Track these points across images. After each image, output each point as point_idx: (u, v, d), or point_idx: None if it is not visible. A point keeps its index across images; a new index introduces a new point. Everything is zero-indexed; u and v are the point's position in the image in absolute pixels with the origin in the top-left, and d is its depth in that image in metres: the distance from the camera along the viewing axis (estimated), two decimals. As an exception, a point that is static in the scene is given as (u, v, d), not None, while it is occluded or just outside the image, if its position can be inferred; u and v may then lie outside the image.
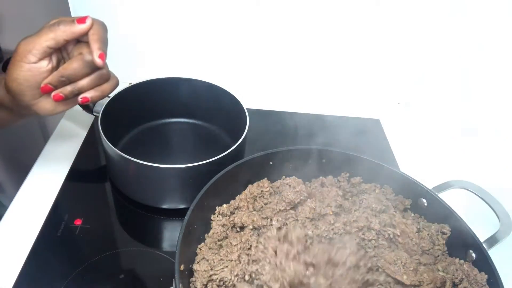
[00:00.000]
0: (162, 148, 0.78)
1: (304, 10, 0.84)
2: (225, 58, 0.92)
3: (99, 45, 0.47)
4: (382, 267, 0.49)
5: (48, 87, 0.49)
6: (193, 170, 0.59)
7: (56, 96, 0.50)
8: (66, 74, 0.48)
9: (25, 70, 0.48)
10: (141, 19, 0.85)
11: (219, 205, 0.56)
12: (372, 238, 0.53)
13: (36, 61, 0.48)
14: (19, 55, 0.47)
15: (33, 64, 0.48)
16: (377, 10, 0.84)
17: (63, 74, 0.48)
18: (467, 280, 0.50)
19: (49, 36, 0.47)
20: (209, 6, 0.83)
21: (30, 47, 0.47)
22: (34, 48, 0.47)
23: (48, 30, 0.47)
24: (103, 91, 0.52)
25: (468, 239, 0.52)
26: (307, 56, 0.91)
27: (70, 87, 0.50)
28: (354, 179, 0.62)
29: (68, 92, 0.50)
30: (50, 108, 0.52)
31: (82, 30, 0.47)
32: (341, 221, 0.54)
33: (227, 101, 0.74)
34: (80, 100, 0.51)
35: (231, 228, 0.54)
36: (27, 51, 0.47)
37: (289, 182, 0.59)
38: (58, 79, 0.49)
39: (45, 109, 0.52)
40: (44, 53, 0.48)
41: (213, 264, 0.49)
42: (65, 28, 0.47)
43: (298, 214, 0.54)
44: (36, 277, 0.55)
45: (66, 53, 0.52)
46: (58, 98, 0.50)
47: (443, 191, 0.59)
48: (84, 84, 0.50)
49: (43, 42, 0.47)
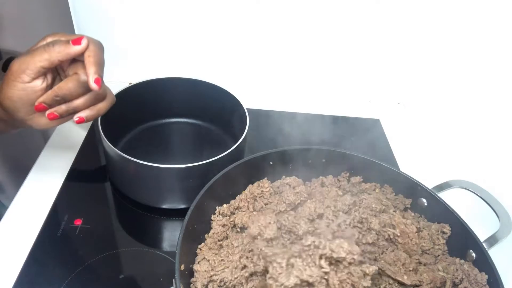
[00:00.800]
0: (162, 148, 0.78)
1: (305, 10, 0.84)
2: (225, 58, 0.92)
3: (95, 69, 0.46)
4: (382, 268, 0.49)
5: (42, 106, 0.48)
6: (193, 170, 0.59)
7: (50, 115, 0.49)
8: (61, 94, 0.48)
9: (19, 90, 0.47)
10: (141, 19, 0.85)
11: (219, 205, 0.56)
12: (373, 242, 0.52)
13: (30, 81, 0.47)
14: (13, 75, 0.47)
15: (27, 83, 0.47)
16: (377, 10, 0.84)
17: (58, 94, 0.48)
18: (467, 280, 0.50)
19: (44, 56, 0.46)
20: (209, 6, 0.83)
21: (24, 67, 0.46)
22: (28, 68, 0.46)
23: (42, 51, 0.46)
24: (99, 110, 0.51)
25: (468, 238, 0.52)
26: (307, 56, 0.91)
27: (65, 106, 0.49)
28: (354, 179, 0.62)
29: (63, 111, 0.49)
30: (44, 122, 0.51)
31: (77, 51, 0.47)
32: (340, 221, 0.54)
33: (227, 101, 0.74)
34: (75, 120, 0.50)
35: (231, 228, 0.54)
36: (21, 70, 0.46)
37: (289, 182, 0.59)
38: (52, 98, 0.48)
39: (40, 124, 0.51)
40: (38, 73, 0.47)
41: (213, 265, 0.49)
42: (60, 49, 0.46)
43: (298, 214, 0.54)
44: (36, 277, 0.55)
45: (61, 71, 0.51)
46: (52, 117, 0.49)
47: (443, 191, 0.59)
48: (79, 104, 0.49)
49: (37, 63, 0.46)
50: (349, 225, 0.52)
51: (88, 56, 0.47)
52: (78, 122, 0.50)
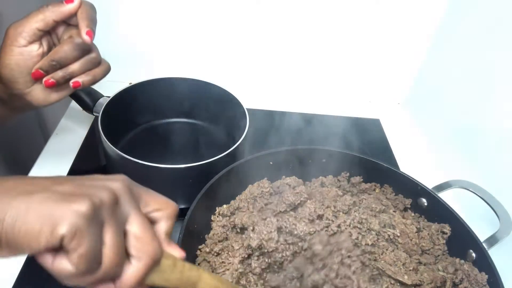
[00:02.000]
0: (162, 148, 0.78)
1: (305, 10, 0.84)
2: (226, 58, 0.92)
3: (87, 23, 0.47)
4: (383, 268, 0.49)
5: (39, 73, 0.49)
6: (193, 170, 0.59)
7: (47, 82, 0.50)
8: (57, 57, 0.48)
9: (16, 54, 0.48)
10: (141, 19, 0.85)
11: (219, 205, 0.56)
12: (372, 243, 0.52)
13: (26, 44, 0.48)
14: (9, 39, 0.47)
15: (23, 47, 0.48)
16: (377, 10, 0.84)
17: (54, 58, 0.48)
18: (467, 280, 0.50)
19: (38, 17, 0.47)
20: (209, 6, 0.83)
21: (19, 30, 0.47)
22: (23, 30, 0.47)
23: (37, 12, 0.47)
24: (95, 76, 0.52)
25: (468, 238, 0.52)
26: (307, 56, 0.91)
27: (61, 72, 0.50)
28: (354, 179, 0.62)
29: (60, 77, 0.50)
30: (43, 97, 0.52)
31: (71, 9, 0.48)
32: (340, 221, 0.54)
33: (227, 101, 0.74)
34: (72, 84, 0.51)
35: (231, 229, 0.54)
36: (17, 33, 0.47)
37: (289, 182, 0.59)
38: (49, 63, 0.48)
39: (38, 98, 0.52)
40: (34, 35, 0.48)
41: (214, 266, 0.49)
42: (54, 8, 0.47)
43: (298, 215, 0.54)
44: (36, 278, 0.55)
45: (56, 39, 0.52)
46: (49, 84, 0.50)
47: (443, 191, 0.59)
48: (75, 69, 0.50)
49: (33, 24, 0.47)
50: (349, 225, 0.52)
51: (80, 13, 0.48)
52: (74, 86, 0.51)
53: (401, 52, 0.91)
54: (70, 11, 0.48)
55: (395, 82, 0.97)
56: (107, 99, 0.69)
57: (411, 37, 0.88)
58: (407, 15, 0.85)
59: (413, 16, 0.85)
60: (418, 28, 0.87)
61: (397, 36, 0.88)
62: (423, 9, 0.84)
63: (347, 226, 0.52)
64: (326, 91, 0.98)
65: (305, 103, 0.95)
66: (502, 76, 0.67)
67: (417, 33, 0.88)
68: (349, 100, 0.98)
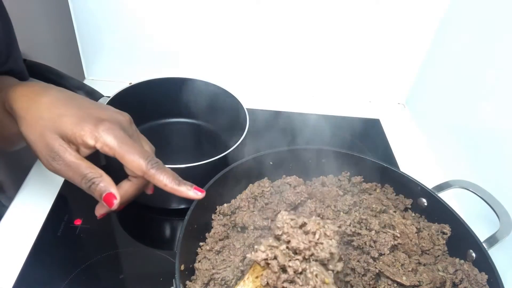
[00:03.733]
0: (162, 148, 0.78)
1: (305, 10, 0.84)
2: (225, 58, 0.92)
3: (183, 184, 0.45)
4: (381, 270, 0.49)
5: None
6: (193, 170, 0.59)
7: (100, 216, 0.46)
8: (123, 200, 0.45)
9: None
10: (141, 19, 0.85)
11: (220, 205, 0.56)
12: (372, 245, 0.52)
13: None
14: (46, 153, 0.42)
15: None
16: (377, 10, 0.84)
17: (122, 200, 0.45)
18: (467, 280, 0.49)
19: (84, 177, 0.43)
20: (209, 6, 0.83)
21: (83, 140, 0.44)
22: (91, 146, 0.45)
23: (90, 177, 0.44)
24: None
25: (468, 239, 0.52)
26: (307, 56, 0.91)
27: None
28: (355, 178, 0.62)
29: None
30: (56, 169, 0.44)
31: (194, 197, 0.44)
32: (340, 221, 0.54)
33: (227, 101, 0.74)
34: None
35: (232, 227, 0.54)
36: (78, 142, 0.43)
37: (290, 182, 0.59)
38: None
39: (53, 169, 0.44)
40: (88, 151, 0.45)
41: (215, 263, 0.49)
42: (95, 192, 0.44)
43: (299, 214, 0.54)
44: (36, 277, 0.55)
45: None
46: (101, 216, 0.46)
47: (443, 191, 0.59)
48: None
49: (81, 169, 0.43)
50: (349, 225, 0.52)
51: (164, 186, 0.45)
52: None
53: (401, 52, 0.91)
54: (192, 198, 0.44)
55: (395, 82, 0.97)
56: (107, 99, 0.69)
57: (411, 37, 0.88)
58: (407, 15, 0.85)
59: (413, 16, 0.85)
60: (418, 28, 0.87)
61: (397, 36, 0.88)
62: (423, 9, 0.84)
63: (347, 226, 0.52)
64: (326, 91, 0.98)
65: (305, 103, 0.95)
66: (502, 76, 0.67)
67: (417, 33, 0.88)
68: (349, 100, 0.98)
